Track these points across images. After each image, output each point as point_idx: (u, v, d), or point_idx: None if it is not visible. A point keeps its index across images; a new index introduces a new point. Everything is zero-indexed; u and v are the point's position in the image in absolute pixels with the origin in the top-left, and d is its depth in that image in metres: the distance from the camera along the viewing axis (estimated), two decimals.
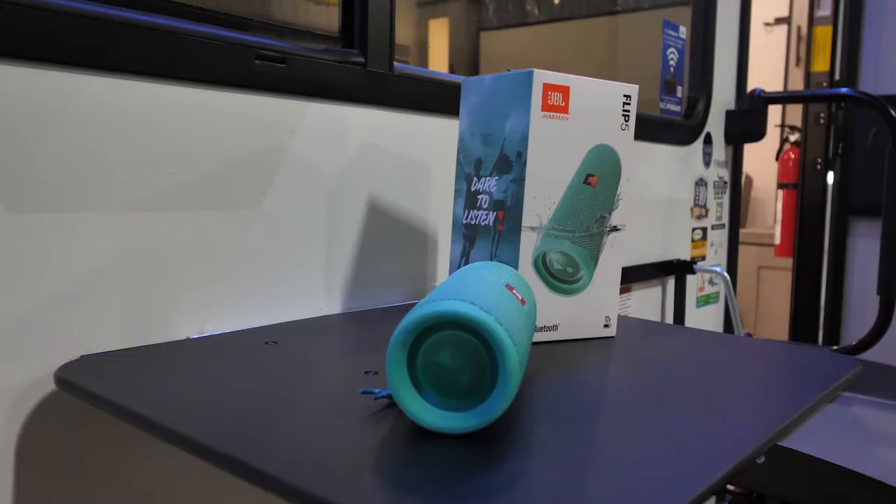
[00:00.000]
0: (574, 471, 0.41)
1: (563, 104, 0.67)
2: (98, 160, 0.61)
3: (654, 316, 1.46)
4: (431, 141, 0.91)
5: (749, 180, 3.31)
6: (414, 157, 0.89)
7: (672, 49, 1.42)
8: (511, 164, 0.67)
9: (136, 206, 0.64)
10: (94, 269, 0.62)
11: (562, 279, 0.69)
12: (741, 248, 2.97)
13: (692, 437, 0.46)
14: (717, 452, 0.44)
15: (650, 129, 1.37)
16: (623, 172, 0.72)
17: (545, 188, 0.67)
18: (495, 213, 0.69)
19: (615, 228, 0.72)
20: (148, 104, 0.64)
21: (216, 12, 0.76)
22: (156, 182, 0.65)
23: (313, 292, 0.79)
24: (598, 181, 0.70)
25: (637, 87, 0.71)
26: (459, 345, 0.44)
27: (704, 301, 1.65)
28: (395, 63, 0.84)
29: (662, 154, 1.43)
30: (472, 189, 0.72)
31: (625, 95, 0.70)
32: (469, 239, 0.73)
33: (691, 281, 1.58)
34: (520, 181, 0.66)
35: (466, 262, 0.73)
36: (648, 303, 1.43)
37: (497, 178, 0.69)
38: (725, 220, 1.73)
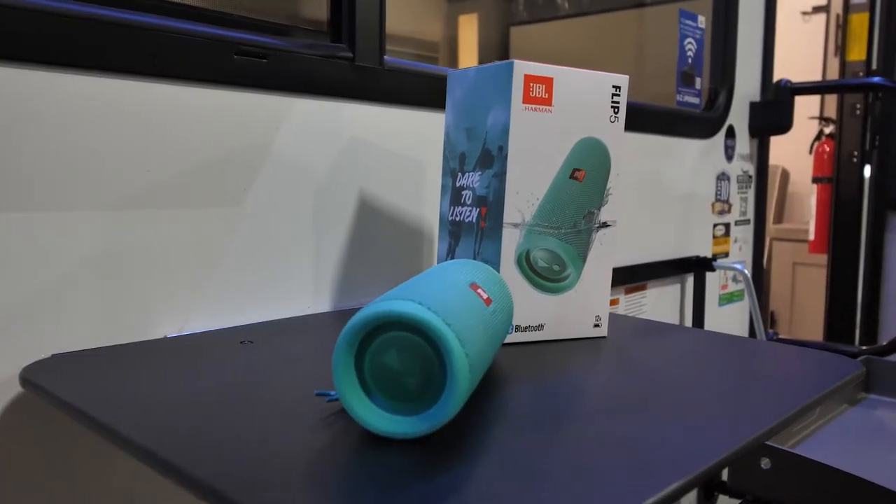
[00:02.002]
0: (523, 477, 0.39)
1: (547, 96, 0.65)
2: (73, 158, 0.61)
3: (672, 314, 1.42)
4: (424, 136, 0.89)
5: (785, 174, 3.22)
6: (406, 152, 0.87)
7: (690, 39, 1.38)
8: (493, 158, 0.65)
9: (112, 205, 0.64)
10: (69, 268, 0.61)
11: (547, 277, 0.67)
12: (776, 245, 2.89)
13: (660, 443, 0.43)
14: (682, 460, 0.41)
15: (666, 122, 1.34)
16: (613, 166, 0.69)
17: (528, 183, 0.65)
18: (478, 210, 0.67)
19: (605, 225, 0.70)
20: (124, 101, 0.64)
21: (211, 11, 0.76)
22: (132, 180, 0.65)
23: (301, 290, 0.78)
24: (586, 176, 0.68)
25: (627, 77, 0.68)
26: (406, 346, 0.42)
27: (728, 299, 1.60)
28: (387, 57, 0.83)
29: (680, 148, 1.39)
30: (457, 185, 0.70)
31: (613, 86, 0.68)
32: (454, 236, 0.71)
33: (713, 279, 1.53)
34: (501, 176, 0.64)
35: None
36: (665, 301, 1.40)
37: (480, 173, 0.67)
38: (751, 215, 1.67)
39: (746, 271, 1.44)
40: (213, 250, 0.71)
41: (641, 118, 1.27)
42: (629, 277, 1.27)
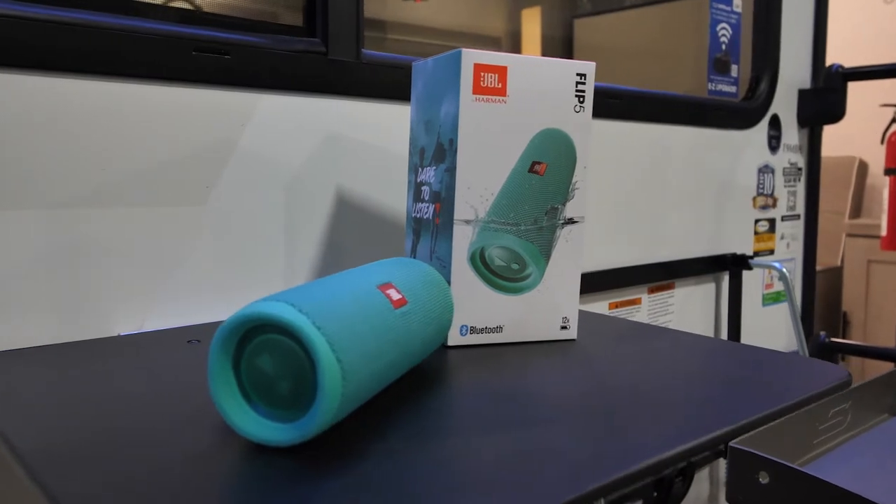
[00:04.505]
0: (389, 494, 0.36)
1: (500, 86, 0.61)
2: (25, 157, 0.62)
3: (704, 314, 1.35)
4: (404, 130, 0.86)
5: (863, 166, 3.02)
6: (384, 147, 0.85)
7: (723, 24, 1.30)
8: (445, 152, 0.63)
9: (64, 203, 0.64)
10: (20, 266, 0.62)
11: (505, 276, 0.64)
12: (849, 241, 2.72)
13: (571, 456, 0.40)
14: (584, 474, 0.38)
15: (698, 112, 1.26)
16: (579, 159, 0.65)
17: (480, 178, 0.62)
18: (433, 206, 0.65)
19: (571, 221, 0.65)
20: (75, 100, 0.64)
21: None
22: (86, 178, 0.65)
23: (272, 290, 0.77)
24: (547, 169, 0.64)
25: (594, 64, 0.64)
26: (279, 350, 0.40)
27: (773, 299, 1.51)
28: (364, 50, 0.81)
29: (714, 139, 1.31)
30: (418, 180, 0.68)
31: (578, 74, 0.64)
32: (416, 234, 0.68)
33: (754, 277, 1.45)
34: (452, 170, 0.61)
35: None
36: (696, 301, 1.32)
37: (434, 167, 0.64)
38: (801, 210, 1.57)
39: (785, 270, 1.35)
40: (175, 249, 0.70)
41: (669, 109, 1.20)
42: (652, 276, 1.21)
